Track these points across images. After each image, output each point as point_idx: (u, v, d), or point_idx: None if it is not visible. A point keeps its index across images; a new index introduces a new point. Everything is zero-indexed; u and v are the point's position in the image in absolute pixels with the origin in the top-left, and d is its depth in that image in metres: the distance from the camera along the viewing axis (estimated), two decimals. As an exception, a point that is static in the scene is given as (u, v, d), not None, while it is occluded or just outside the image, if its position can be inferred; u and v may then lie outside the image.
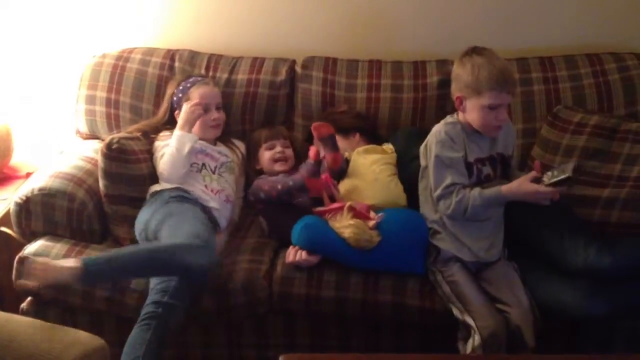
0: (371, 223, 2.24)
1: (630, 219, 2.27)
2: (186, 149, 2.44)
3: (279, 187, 2.38)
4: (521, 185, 2.09)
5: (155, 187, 2.44)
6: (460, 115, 2.21)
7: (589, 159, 2.35)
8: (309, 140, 2.70)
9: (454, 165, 2.15)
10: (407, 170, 2.44)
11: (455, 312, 2.15)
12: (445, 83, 2.67)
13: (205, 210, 2.41)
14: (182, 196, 2.39)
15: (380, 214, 2.28)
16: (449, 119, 2.24)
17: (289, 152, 2.63)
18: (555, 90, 2.62)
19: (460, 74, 2.17)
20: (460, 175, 2.14)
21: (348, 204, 2.28)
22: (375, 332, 2.33)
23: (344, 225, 2.22)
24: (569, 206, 2.23)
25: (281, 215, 2.39)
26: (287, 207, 2.39)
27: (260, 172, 2.64)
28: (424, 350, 2.22)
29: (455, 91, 2.20)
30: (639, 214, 2.27)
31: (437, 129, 2.21)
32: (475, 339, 2.06)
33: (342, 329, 2.33)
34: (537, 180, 2.08)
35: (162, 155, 2.47)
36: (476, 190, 2.12)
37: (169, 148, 2.45)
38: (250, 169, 2.66)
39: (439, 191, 2.15)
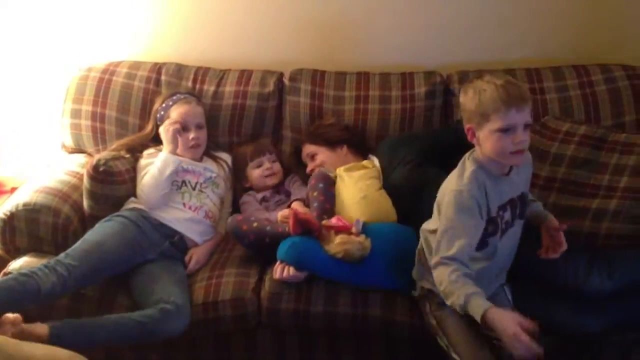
0: (354, 230, 2.23)
1: (619, 230, 2.26)
2: (168, 171, 2.43)
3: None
4: (507, 330, 1.74)
5: (126, 205, 2.44)
6: (478, 151, 1.98)
7: (577, 168, 2.35)
8: (297, 155, 2.69)
9: (468, 235, 1.88)
10: (389, 181, 2.43)
11: (442, 346, 2.05)
12: (432, 94, 2.68)
13: (169, 233, 2.40)
14: (128, 217, 2.35)
15: (357, 219, 2.26)
16: (469, 166, 1.96)
17: (277, 166, 2.63)
18: (543, 101, 2.62)
19: (465, 102, 1.97)
20: (469, 248, 1.89)
21: (322, 223, 2.26)
22: (366, 347, 2.31)
23: (333, 247, 2.20)
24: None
25: (266, 249, 2.32)
26: None
27: (249, 189, 2.63)
28: (415, 365, 2.20)
29: (466, 122, 1.97)
30: (628, 226, 2.26)
31: (459, 188, 1.92)
32: None
33: (331, 345, 2.31)
34: None
35: (144, 175, 2.47)
36: (464, 292, 1.81)
37: (153, 167, 2.45)
38: (238, 186, 2.65)
39: (437, 258, 1.89)
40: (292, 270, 2.21)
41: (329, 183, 2.44)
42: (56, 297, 2.15)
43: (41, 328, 2.01)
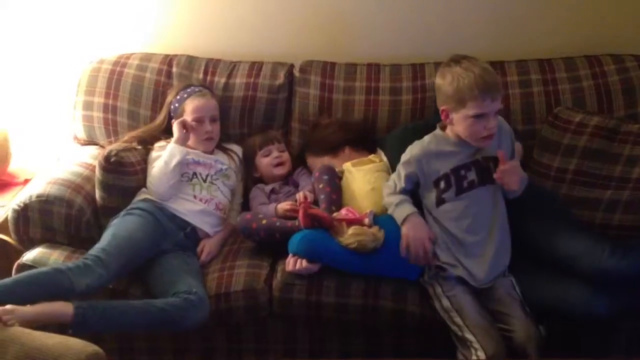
0: (366, 221, 2.23)
1: (632, 221, 2.25)
2: (174, 162, 2.44)
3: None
4: (418, 233, 2.16)
5: (139, 196, 2.46)
6: (449, 129, 2.17)
7: (589, 159, 2.34)
8: (304, 151, 2.68)
9: (402, 177, 2.22)
10: None
11: (454, 328, 2.10)
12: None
13: (182, 224, 2.41)
14: (146, 209, 2.37)
15: (369, 210, 2.27)
16: (426, 137, 2.24)
17: (286, 155, 2.64)
18: (555, 92, 2.61)
19: (442, 85, 2.12)
20: (399, 182, 2.24)
21: (334, 215, 2.27)
22: (376, 338, 2.32)
23: (346, 239, 2.20)
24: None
25: (276, 244, 2.34)
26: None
27: (259, 180, 2.63)
28: (425, 356, 2.20)
29: (440, 104, 2.14)
30: (640, 217, 2.26)
31: (407, 151, 2.25)
32: (479, 355, 2.00)
33: (342, 335, 2.32)
34: None
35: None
36: (394, 200, 2.22)
37: (159, 159, 2.46)
38: (248, 177, 2.65)
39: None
40: (304, 262, 2.21)
41: (334, 175, 2.44)
42: (89, 296, 2.13)
43: (65, 307, 2.02)
